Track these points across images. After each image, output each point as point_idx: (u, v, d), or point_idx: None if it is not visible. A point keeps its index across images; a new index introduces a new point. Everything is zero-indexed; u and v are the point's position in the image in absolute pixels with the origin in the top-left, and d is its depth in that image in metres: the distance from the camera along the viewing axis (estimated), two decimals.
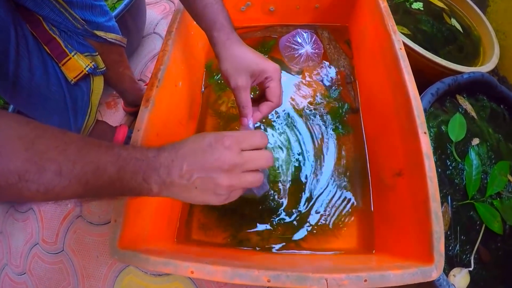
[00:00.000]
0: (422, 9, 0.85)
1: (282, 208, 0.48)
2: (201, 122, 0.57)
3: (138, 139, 0.35)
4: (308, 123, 0.55)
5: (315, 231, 0.46)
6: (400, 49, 0.45)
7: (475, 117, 0.63)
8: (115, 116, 0.86)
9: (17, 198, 0.23)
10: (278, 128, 0.55)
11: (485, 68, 0.72)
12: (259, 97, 0.41)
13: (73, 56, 0.50)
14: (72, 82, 0.51)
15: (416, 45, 0.63)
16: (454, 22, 0.88)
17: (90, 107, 0.57)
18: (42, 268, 0.76)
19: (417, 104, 0.39)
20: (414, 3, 0.86)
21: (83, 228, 0.76)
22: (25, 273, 0.77)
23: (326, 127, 0.55)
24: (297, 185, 0.50)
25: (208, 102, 0.59)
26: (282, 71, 0.61)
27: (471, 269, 0.49)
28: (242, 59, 0.37)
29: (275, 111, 0.57)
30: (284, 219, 0.48)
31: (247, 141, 0.30)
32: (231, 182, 0.28)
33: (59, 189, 0.22)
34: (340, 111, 0.56)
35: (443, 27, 0.83)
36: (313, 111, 0.57)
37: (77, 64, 0.50)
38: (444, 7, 0.90)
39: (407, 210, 0.38)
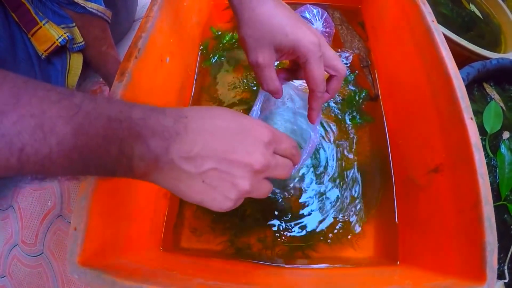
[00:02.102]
0: None
1: (289, 211, 0.41)
2: (194, 104, 0.50)
3: None
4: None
5: (328, 239, 0.39)
6: (433, 21, 0.38)
7: (504, 108, 0.57)
8: None
9: None
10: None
11: (510, 56, 0.66)
12: (294, 69, 0.31)
13: (44, 24, 0.42)
14: (43, 56, 0.43)
15: (442, 27, 0.56)
16: (473, 8, 0.81)
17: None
18: (21, 271, 0.71)
19: (460, 84, 0.32)
20: None
21: (63, 229, 0.70)
22: (5, 276, 0.73)
23: (341, 117, 0.47)
24: (307, 184, 0.43)
25: (203, 87, 0.52)
26: None
27: (506, 280, 0.43)
28: (266, 24, 0.26)
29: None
30: (292, 224, 0.40)
31: (285, 143, 0.24)
32: (251, 188, 0.21)
33: None
34: (357, 97, 0.49)
35: (463, 12, 0.76)
36: None
37: (48, 34, 0.42)
38: None
39: (447, 214, 0.30)
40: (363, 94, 0.49)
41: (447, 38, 0.58)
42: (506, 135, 0.53)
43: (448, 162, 0.31)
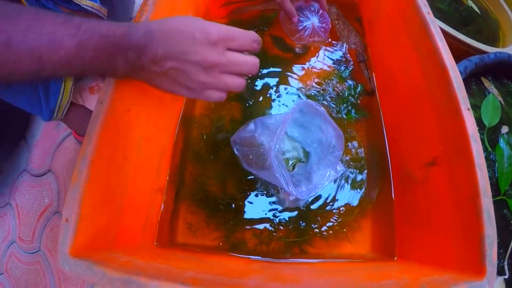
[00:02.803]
0: None
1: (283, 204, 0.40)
2: (190, 103, 0.49)
3: (100, 115, 0.27)
4: None
5: (324, 233, 0.39)
6: (428, 13, 0.38)
7: (502, 102, 0.56)
8: None
9: None
10: (280, 111, 0.47)
11: (509, 50, 0.66)
12: None
13: None
14: None
15: (439, 21, 0.55)
16: (470, 3, 0.81)
17: (64, 84, 0.49)
18: (19, 268, 0.71)
19: (456, 75, 0.31)
20: None
21: (60, 226, 0.69)
22: (2, 273, 0.72)
23: (336, 111, 0.47)
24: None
25: None
26: (282, 49, 0.53)
27: (506, 276, 0.43)
28: None
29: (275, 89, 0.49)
30: (287, 219, 0.40)
31: (237, 40, 0.27)
32: (206, 80, 0.27)
33: (11, 64, 0.21)
34: (353, 92, 0.48)
35: (461, 7, 0.76)
36: (321, 92, 0.49)
37: None
38: None
39: (445, 207, 0.30)
40: (359, 88, 0.49)
41: (444, 32, 0.57)
42: (504, 129, 0.52)
43: (445, 154, 0.30)
